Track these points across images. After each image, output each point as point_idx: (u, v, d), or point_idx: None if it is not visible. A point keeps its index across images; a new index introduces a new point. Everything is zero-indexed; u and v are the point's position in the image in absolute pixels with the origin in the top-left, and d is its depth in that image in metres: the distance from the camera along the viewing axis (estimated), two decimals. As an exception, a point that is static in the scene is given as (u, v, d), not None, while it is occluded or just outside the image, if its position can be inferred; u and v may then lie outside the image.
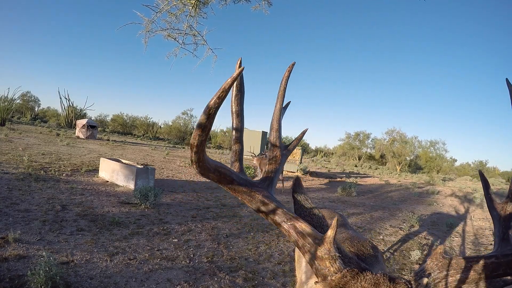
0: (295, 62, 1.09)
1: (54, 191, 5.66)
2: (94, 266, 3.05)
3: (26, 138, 14.10)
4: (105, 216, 4.61)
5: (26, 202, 4.76)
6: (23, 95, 36.85)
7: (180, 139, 35.11)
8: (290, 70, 1.06)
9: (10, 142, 11.65)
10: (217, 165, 0.82)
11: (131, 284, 2.82)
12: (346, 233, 1.70)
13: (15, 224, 3.82)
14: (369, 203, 8.93)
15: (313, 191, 10.21)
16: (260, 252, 4.01)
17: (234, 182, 0.89)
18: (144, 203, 5.35)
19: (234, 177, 0.89)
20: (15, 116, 28.88)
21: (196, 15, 3.19)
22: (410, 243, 5.23)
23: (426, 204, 9.79)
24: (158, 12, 3.07)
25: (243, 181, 0.92)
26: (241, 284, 3.08)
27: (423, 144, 36.05)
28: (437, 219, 7.44)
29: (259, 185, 0.96)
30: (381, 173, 23.04)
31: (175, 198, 6.40)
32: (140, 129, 37.04)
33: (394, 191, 12.61)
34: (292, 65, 1.07)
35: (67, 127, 27.27)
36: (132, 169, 6.74)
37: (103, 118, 38.00)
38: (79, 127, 19.31)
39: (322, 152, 43.27)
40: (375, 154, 39.51)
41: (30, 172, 6.81)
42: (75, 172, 7.69)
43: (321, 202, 8.11)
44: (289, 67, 1.06)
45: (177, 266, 3.29)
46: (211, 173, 0.80)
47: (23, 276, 2.64)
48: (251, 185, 0.93)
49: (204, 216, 5.38)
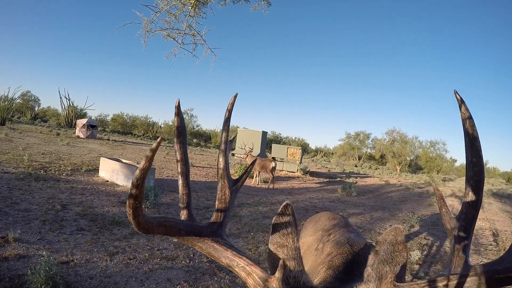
0: (237, 93, 1.06)
1: (54, 190, 5.66)
2: (94, 266, 3.05)
3: (26, 137, 14.10)
4: (105, 216, 4.61)
5: (26, 202, 4.76)
6: (23, 94, 36.87)
7: (180, 139, 35.00)
8: (233, 103, 1.06)
9: (10, 142, 11.65)
10: (159, 220, 0.81)
11: (131, 284, 2.82)
12: (342, 236, 1.70)
13: (15, 224, 3.82)
14: (369, 203, 8.93)
15: (313, 191, 10.21)
16: (260, 252, 4.01)
17: (181, 232, 0.88)
18: (144, 203, 5.34)
19: (181, 226, 0.88)
20: (15, 116, 28.87)
21: (196, 15, 3.18)
22: (410, 243, 5.23)
23: (426, 205, 9.79)
24: (158, 12, 3.07)
25: (191, 228, 0.91)
26: (241, 284, 3.08)
27: (423, 144, 36.08)
28: (437, 219, 7.44)
29: (208, 229, 0.94)
30: (381, 173, 23.03)
31: (175, 198, 6.40)
32: (140, 128, 37.05)
33: (394, 191, 12.61)
34: (234, 97, 1.06)
35: (67, 126, 27.26)
36: (132, 169, 6.74)
37: (103, 118, 38.01)
38: (79, 126, 19.31)
39: (322, 152, 43.26)
40: (375, 154, 39.50)
41: (30, 171, 6.81)
42: (75, 171, 7.70)
43: (321, 202, 8.11)
44: (231, 100, 1.06)
45: (177, 266, 3.29)
46: (155, 229, 0.81)
47: (23, 275, 2.64)
48: (200, 232, 0.92)
49: (204, 215, 5.38)
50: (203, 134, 40.17)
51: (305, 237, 2.14)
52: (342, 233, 1.75)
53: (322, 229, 1.97)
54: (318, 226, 2.08)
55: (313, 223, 2.20)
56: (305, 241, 2.11)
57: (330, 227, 1.93)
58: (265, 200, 7.41)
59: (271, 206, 6.83)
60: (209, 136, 39.19)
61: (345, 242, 1.56)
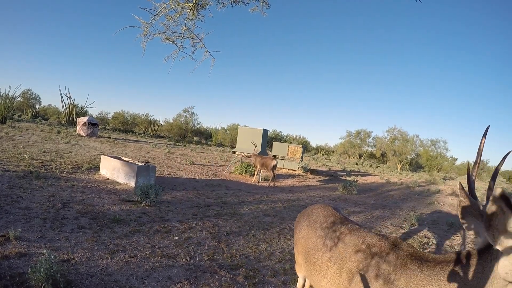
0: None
1: (55, 188, 5.66)
2: (94, 264, 3.05)
3: (27, 136, 14.12)
4: (106, 214, 4.61)
5: (27, 200, 4.76)
6: (24, 93, 36.93)
7: (181, 137, 35.10)
8: None
9: (11, 140, 11.66)
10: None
11: (131, 282, 2.82)
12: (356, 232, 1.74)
13: (15, 222, 3.83)
14: (370, 201, 8.92)
15: (314, 189, 10.20)
16: (261, 250, 4.01)
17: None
18: (145, 200, 5.36)
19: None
20: (16, 114, 28.91)
21: (194, 18, 3.17)
22: (411, 241, 5.22)
23: (427, 203, 9.78)
24: (156, 15, 3.05)
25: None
26: (242, 282, 3.07)
27: (424, 142, 35.99)
28: (437, 218, 7.43)
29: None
30: (382, 172, 23.02)
31: (175, 196, 6.40)
32: (141, 126, 37.05)
33: (394, 189, 12.59)
34: None
35: (68, 124, 27.28)
36: (133, 167, 6.74)
37: (104, 116, 38.02)
38: (80, 124, 19.32)
39: (323, 150, 43.23)
40: (376, 152, 39.45)
41: (31, 170, 6.81)
42: (76, 169, 7.70)
43: (321, 200, 8.10)
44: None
45: (177, 264, 3.29)
46: None
47: (24, 273, 2.65)
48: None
49: (205, 214, 5.38)
50: (203, 132, 40.17)
51: (301, 231, 2.16)
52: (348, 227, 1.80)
53: (320, 225, 2.00)
54: (311, 219, 2.12)
55: (305, 217, 2.24)
56: (301, 235, 2.13)
57: (329, 223, 1.96)
58: (265, 198, 7.41)
59: (271, 204, 6.82)
60: (210, 134, 39.19)
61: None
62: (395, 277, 1.31)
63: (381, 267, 1.39)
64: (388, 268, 1.36)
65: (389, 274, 1.34)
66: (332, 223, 1.92)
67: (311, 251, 1.92)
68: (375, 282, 1.37)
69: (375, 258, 1.44)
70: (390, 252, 1.42)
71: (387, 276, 1.34)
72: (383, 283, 1.33)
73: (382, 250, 1.46)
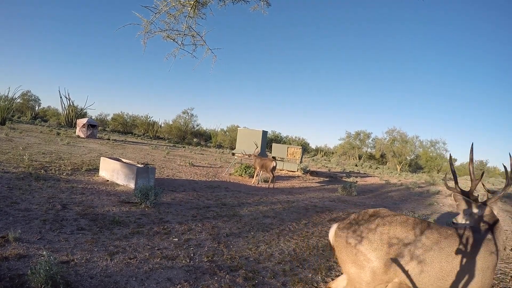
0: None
1: (55, 190, 5.66)
2: (94, 265, 3.05)
3: (27, 137, 14.11)
4: (106, 215, 4.61)
5: (26, 201, 4.76)
6: (23, 94, 36.90)
7: (180, 138, 35.11)
8: None
9: (11, 142, 11.65)
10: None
11: (131, 283, 2.82)
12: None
13: (15, 223, 3.83)
14: (370, 202, 8.92)
15: (314, 190, 10.20)
16: (261, 251, 4.01)
17: None
18: (144, 202, 5.35)
19: None
20: (15, 116, 28.88)
21: (195, 16, 3.18)
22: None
23: (427, 204, 9.78)
24: (157, 13, 3.07)
25: None
26: (241, 283, 3.07)
27: (423, 143, 36.07)
28: (437, 218, 7.43)
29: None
30: (381, 173, 23.04)
31: (175, 197, 6.40)
32: (140, 128, 37.05)
33: (394, 190, 12.60)
34: None
35: (68, 126, 27.28)
36: (132, 168, 6.74)
37: (103, 117, 38.05)
38: (80, 126, 19.32)
39: (322, 152, 43.26)
40: (376, 153, 39.49)
41: (31, 171, 6.81)
42: (75, 171, 7.70)
43: (321, 202, 8.10)
44: None
45: (177, 265, 3.29)
46: None
47: (24, 275, 2.64)
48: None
49: (205, 215, 5.38)
50: (203, 134, 40.19)
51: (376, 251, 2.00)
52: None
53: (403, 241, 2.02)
54: (391, 235, 2.03)
55: (378, 235, 2.04)
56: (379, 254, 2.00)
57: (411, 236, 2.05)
58: (265, 200, 7.41)
59: (271, 205, 6.82)
60: (209, 135, 39.20)
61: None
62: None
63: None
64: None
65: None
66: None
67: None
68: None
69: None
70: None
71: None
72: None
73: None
